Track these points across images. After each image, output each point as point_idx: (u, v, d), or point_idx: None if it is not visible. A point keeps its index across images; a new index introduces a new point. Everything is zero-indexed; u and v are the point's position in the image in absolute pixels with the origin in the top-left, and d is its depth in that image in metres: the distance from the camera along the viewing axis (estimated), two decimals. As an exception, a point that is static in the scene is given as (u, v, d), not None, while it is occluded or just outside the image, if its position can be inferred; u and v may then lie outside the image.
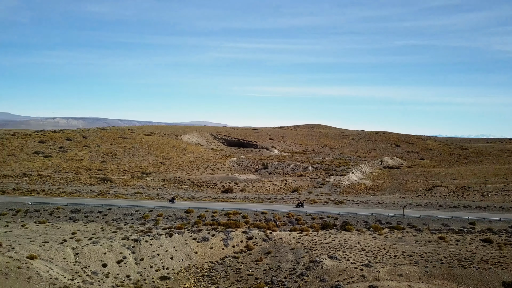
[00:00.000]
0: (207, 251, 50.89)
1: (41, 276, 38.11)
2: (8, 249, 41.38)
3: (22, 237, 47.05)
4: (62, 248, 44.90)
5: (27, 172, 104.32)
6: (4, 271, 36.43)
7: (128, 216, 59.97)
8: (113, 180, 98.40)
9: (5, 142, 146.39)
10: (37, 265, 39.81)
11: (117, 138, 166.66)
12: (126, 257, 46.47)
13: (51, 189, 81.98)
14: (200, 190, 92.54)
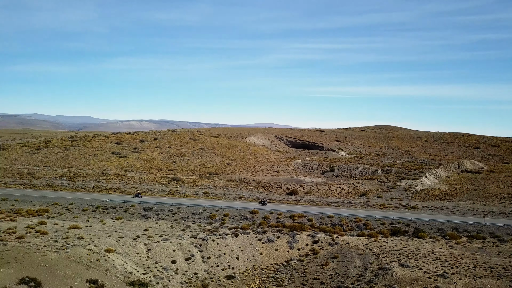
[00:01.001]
0: (272, 252, 51.13)
1: (117, 269, 40.92)
2: (89, 243, 44.98)
3: (100, 232, 50.95)
4: (135, 243, 47.83)
5: (105, 171, 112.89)
6: (85, 262, 39.68)
7: (196, 215, 62.30)
8: (182, 180, 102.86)
9: (87, 143, 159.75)
10: (114, 259, 42.79)
11: (186, 140, 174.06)
12: (194, 255, 48.26)
13: (126, 187, 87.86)
14: (264, 192, 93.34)
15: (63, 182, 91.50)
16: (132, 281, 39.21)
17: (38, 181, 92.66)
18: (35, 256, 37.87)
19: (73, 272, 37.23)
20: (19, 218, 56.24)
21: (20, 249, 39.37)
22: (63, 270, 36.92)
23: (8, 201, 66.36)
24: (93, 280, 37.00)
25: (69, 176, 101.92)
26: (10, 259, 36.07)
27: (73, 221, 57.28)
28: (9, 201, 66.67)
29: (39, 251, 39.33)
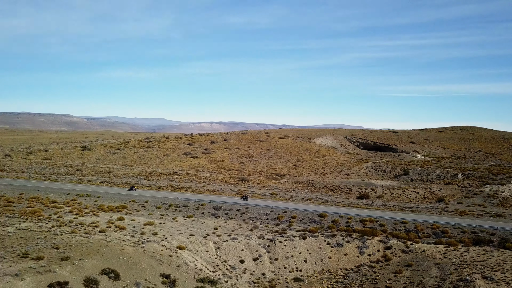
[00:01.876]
0: (341, 257, 49.90)
1: (188, 265, 42.65)
2: (162, 239, 47.44)
3: (173, 229, 53.49)
4: (205, 241, 49.50)
5: (178, 171, 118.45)
6: (159, 257, 41.89)
7: (263, 216, 62.87)
8: (250, 181, 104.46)
9: (161, 144, 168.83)
10: (185, 255, 44.66)
11: (254, 141, 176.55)
12: (261, 256, 48.72)
13: (197, 186, 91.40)
14: (333, 195, 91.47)
15: (139, 181, 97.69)
16: (202, 278, 40.60)
17: (118, 179, 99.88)
18: (114, 249, 40.80)
19: (148, 266, 39.52)
20: (101, 213, 61.09)
21: (101, 242, 42.69)
22: (139, 264, 39.34)
23: (92, 197, 72.41)
24: (166, 274, 38.95)
25: (145, 175, 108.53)
26: (93, 251, 39.25)
27: (148, 217, 60.86)
28: (93, 197, 72.72)
29: (118, 245, 42.31)
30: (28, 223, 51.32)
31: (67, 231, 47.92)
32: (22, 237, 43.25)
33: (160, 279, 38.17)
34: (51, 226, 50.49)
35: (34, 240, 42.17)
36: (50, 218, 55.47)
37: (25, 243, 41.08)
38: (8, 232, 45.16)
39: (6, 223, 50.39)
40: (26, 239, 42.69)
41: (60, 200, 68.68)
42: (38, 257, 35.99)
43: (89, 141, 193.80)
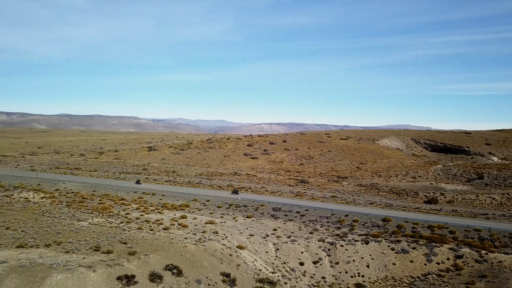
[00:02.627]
0: (406, 264, 47.64)
1: (248, 265, 43.16)
2: (223, 238, 48.48)
3: (233, 228, 54.47)
4: (265, 242, 49.79)
5: (238, 171, 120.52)
6: (219, 256, 42.86)
7: (324, 219, 61.89)
8: (310, 183, 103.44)
9: (222, 145, 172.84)
10: (244, 255, 45.26)
11: (314, 142, 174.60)
12: (321, 259, 47.98)
13: (256, 187, 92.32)
14: (398, 199, 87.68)
15: (201, 180, 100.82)
16: (262, 279, 40.86)
17: (181, 178, 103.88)
18: (177, 246, 42.42)
19: (209, 264, 40.59)
20: (165, 211, 63.88)
21: (165, 239, 44.61)
22: (200, 262, 40.54)
23: (157, 196, 75.98)
24: (226, 273, 39.73)
25: (207, 175, 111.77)
26: (158, 247, 41.13)
27: (210, 216, 62.55)
28: (158, 195, 76.28)
29: (180, 242, 43.94)
30: (99, 219, 55.10)
31: (134, 227, 50.73)
32: (94, 232, 46.51)
33: (221, 278, 39.01)
34: (120, 222, 53.75)
35: (104, 235, 45.15)
36: (119, 215, 59.08)
37: (97, 237, 44.12)
38: (82, 226, 48.81)
39: (80, 218, 54.53)
40: (97, 233, 45.85)
41: (128, 198, 72.89)
42: (108, 251, 38.45)
43: (155, 142, 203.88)
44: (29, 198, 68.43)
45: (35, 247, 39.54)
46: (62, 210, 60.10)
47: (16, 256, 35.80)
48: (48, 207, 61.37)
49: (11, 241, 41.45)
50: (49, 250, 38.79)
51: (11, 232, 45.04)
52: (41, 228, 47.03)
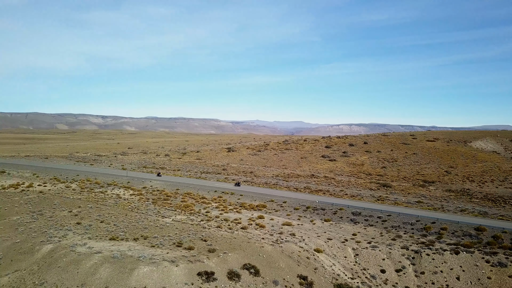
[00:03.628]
0: (504, 279, 43.22)
1: (325, 269, 42.48)
2: (300, 240, 48.30)
3: (310, 231, 54.00)
4: (343, 247, 48.59)
5: (315, 173, 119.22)
6: (296, 258, 42.76)
7: (408, 225, 58.70)
8: (393, 187, 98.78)
9: (299, 146, 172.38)
10: (322, 259, 44.61)
11: (398, 144, 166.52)
12: (405, 267, 45.53)
13: (335, 190, 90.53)
14: (494, 206, 79.95)
15: (278, 182, 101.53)
16: (340, 284, 39.94)
17: (258, 179, 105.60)
18: (255, 246, 43.19)
19: (285, 266, 40.70)
20: (243, 211, 65.43)
21: (243, 238, 45.68)
22: (277, 263, 40.82)
23: (235, 195, 78.10)
24: (303, 276, 39.49)
25: (283, 176, 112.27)
26: (236, 246, 42.26)
27: (286, 218, 62.71)
28: (236, 195, 78.37)
29: (258, 242, 44.67)
30: (182, 216, 58.17)
31: (214, 225, 52.70)
32: (177, 228, 49.21)
33: (297, 280, 38.88)
34: (200, 220, 56.22)
35: (186, 232, 47.55)
36: (200, 213, 61.82)
37: (179, 233, 46.62)
38: (166, 223, 51.93)
39: (164, 215, 58.07)
40: (180, 230, 48.44)
41: (208, 197, 75.95)
42: (190, 247, 40.42)
43: (234, 143, 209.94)
44: (120, 195, 74.54)
45: (125, 240, 42.95)
46: (148, 206, 64.54)
47: (109, 248, 39.23)
48: (136, 204, 66.30)
49: (105, 233, 45.52)
50: (137, 243, 41.88)
51: (105, 225, 49.47)
52: (130, 223, 50.98)
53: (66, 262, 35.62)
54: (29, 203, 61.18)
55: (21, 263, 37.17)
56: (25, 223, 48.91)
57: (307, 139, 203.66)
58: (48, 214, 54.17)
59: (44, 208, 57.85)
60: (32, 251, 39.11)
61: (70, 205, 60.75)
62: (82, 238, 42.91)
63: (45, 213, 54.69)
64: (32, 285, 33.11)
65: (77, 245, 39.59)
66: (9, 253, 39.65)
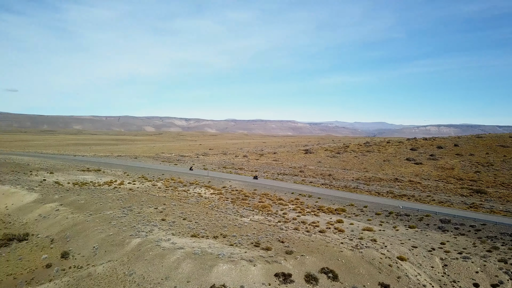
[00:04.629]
0: None
1: (410, 278, 40.25)
2: (381, 246, 46.38)
3: (393, 238, 51.58)
4: (430, 256, 45.65)
5: (399, 177, 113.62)
6: (377, 265, 41.14)
7: (506, 236, 53.37)
8: (488, 193, 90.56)
9: (381, 149, 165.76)
10: (406, 267, 42.36)
11: (495, 147, 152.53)
12: (503, 282, 41.42)
13: (420, 195, 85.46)
14: None
15: (358, 185, 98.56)
16: (426, 296, 37.58)
17: (337, 182, 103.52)
18: (333, 250, 42.41)
19: (366, 272, 39.36)
20: (321, 214, 64.60)
21: (321, 242, 45.10)
22: (357, 269, 39.63)
23: (313, 198, 77.42)
24: (385, 284, 37.84)
25: (364, 180, 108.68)
26: (313, 249, 41.89)
27: (367, 223, 60.61)
28: (314, 198, 77.66)
29: (336, 246, 43.79)
30: (259, 216, 59.14)
31: (291, 227, 52.77)
32: (255, 228, 50.15)
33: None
34: (277, 221, 56.65)
35: (264, 232, 48.26)
36: (277, 214, 62.30)
37: (257, 233, 47.45)
38: (244, 222, 53.18)
39: (243, 214, 59.51)
40: (257, 230, 49.30)
41: (285, 198, 76.26)
42: (267, 248, 40.95)
43: (311, 145, 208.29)
44: (201, 194, 77.97)
45: (205, 238, 44.83)
46: (227, 206, 66.64)
47: (190, 244, 41.27)
48: (216, 203, 68.83)
49: (187, 230, 47.97)
50: (217, 241, 43.47)
51: (187, 222, 52.10)
52: (210, 221, 53.10)
53: (152, 255, 38.18)
54: (120, 199, 66.64)
55: (113, 254, 40.64)
56: (117, 218, 53.39)
57: (391, 141, 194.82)
58: (137, 210, 58.53)
59: (133, 205, 62.61)
60: (122, 244, 42.56)
61: (156, 202, 65.00)
62: (166, 234, 45.67)
63: (134, 209, 59.17)
64: (122, 275, 36.00)
65: (162, 240, 42.23)
66: (104, 245, 43.58)
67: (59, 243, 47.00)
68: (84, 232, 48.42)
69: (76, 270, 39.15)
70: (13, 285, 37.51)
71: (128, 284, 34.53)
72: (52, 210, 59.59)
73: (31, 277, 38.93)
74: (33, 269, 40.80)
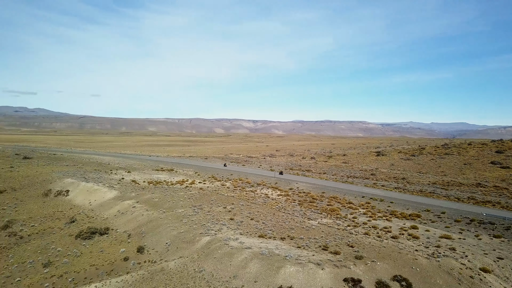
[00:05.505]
0: None
1: (494, 293, 37.17)
2: (461, 256, 43.34)
3: (475, 247, 47.96)
4: (518, 269, 41.79)
5: (482, 182, 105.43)
6: (457, 276, 38.50)
7: None
8: None
9: (462, 151, 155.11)
10: (490, 280, 39.16)
11: None
12: None
13: (508, 202, 78.55)
14: None
15: (435, 190, 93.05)
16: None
17: (412, 186, 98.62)
18: (406, 257, 40.44)
19: (443, 283, 37.02)
20: (393, 219, 61.95)
21: (393, 248, 43.23)
22: (433, 278, 37.42)
23: (385, 202, 74.51)
24: (465, 297, 35.30)
25: (442, 184, 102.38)
26: (385, 255, 40.30)
27: (445, 230, 56.98)
28: (386, 202, 74.72)
29: (410, 254, 41.70)
30: (327, 219, 58.21)
31: (361, 232, 51.24)
32: (323, 231, 49.45)
33: (459, 301, 34.98)
34: (347, 225, 55.33)
35: (332, 236, 47.41)
36: (346, 218, 60.86)
37: (325, 237, 46.75)
38: (312, 225, 52.67)
39: (310, 217, 58.98)
40: (326, 233, 48.56)
41: (355, 202, 74.26)
42: (335, 252, 40.17)
43: (383, 147, 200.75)
44: (268, 195, 78.59)
45: (272, 239, 45.11)
46: (294, 208, 66.46)
47: (258, 244, 41.78)
48: (283, 204, 68.96)
49: (254, 230, 48.64)
50: (284, 243, 43.54)
51: (255, 222, 52.82)
52: (277, 222, 53.33)
53: (221, 254, 39.25)
54: (191, 198, 69.39)
55: (184, 251, 42.41)
56: (188, 216, 55.67)
57: (472, 142, 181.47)
58: (206, 209, 60.55)
59: (203, 203, 64.86)
60: (193, 241, 44.27)
61: (225, 202, 66.73)
62: (234, 233, 46.70)
63: (204, 208, 61.27)
64: (193, 272, 37.44)
65: (230, 239, 43.24)
66: (175, 241, 45.67)
67: (135, 238, 50.09)
68: (157, 229, 51.12)
69: (151, 264, 41.45)
70: (96, 275, 40.63)
71: (198, 281, 35.83)
72: (130, 207, 63.68)
73: (111, 269, 41.91)
74: (112, 261, 43.88)
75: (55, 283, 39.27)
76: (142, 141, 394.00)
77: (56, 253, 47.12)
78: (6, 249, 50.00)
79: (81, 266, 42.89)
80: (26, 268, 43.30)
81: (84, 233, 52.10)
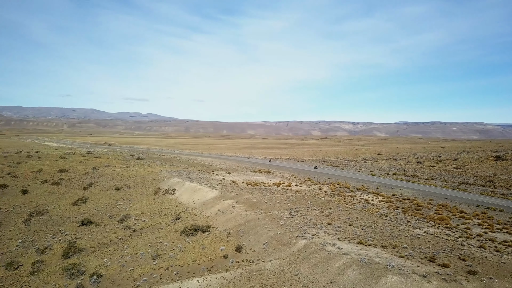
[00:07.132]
0: None
1: None
2: None
3: None
4: None
5: None
6: None
7: None
8: None
9: None
10: None
11: None
12: None
13: None
14: None
15: None
16: None
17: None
18: (532, 276, 35.76)
19: None
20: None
21: (515, 265, 38.56)
22: None
23: (505, 213, 66.82)
24: None
25: None
26: (504, 272, 36.12)
27: None
28: (507, 213, 66.99)
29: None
30: (435, 229, 54.10)
31: (475, 244, 46.67)
32: (430, 242, 46.11)
33: None
34: (457, 236, 50.84)
35: (440, 247, 43.96)
36: (457, 228, 55.92)
37: (432, 247, 43.54)
38: (417, 234, 49.43)
39: (415, 226, 55.40)
40: (433, 244, 45.20)
41: (468, 211, 67.92)
42: (444, 264, 37.15)
43: (504, 151, 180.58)
44: (369, 200, 75.76)
45: (373, 246, 43.36)
46: (397, 215, 63.04)
47: (357, 251, 40.53)
48: (385, 211, 65.87)
49: (353, 236, 47.28)
50: (385, 251, 41.57)
51: (353, 228, 51.34)
52: (378, 229, 51.13)
53: (318, 258, 38.90)
54: (288, 201, 70.00)
55: (281, 253, 42.91)
56: (284, 218, 56.25)
57: None
58: (303, 212, 60.53)
59: (300, 206, 64.96)
60: (289, 244, 44.58)
61: (322, 206, 66.00)
62: (332, 238, 45.92)
63: (301, 211, 61.33)
64: (289, 274, 37.70)
65: (327, 244, 42.63)
66: (272, 243, 46.46)
67: (234, 237, 52.08)
68: (255, 229, 52.52)
69: (248, 264, 42.72)
70: (197, 270, 43.17)
71: (294, 283, 35.96)
72: (229, 207, 66.48)
73: (211, 265, 44.17)
74: (212, 258, 46.21)
75: (162, 275, 42.61)
76: (241, 144, 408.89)
77: (163, 247, 51.13)
78: (122, 240, 55.74)
79: (185, 260, 45.90)
80: (138, 259, 47.71)
81: (188, 230, 55.72)
